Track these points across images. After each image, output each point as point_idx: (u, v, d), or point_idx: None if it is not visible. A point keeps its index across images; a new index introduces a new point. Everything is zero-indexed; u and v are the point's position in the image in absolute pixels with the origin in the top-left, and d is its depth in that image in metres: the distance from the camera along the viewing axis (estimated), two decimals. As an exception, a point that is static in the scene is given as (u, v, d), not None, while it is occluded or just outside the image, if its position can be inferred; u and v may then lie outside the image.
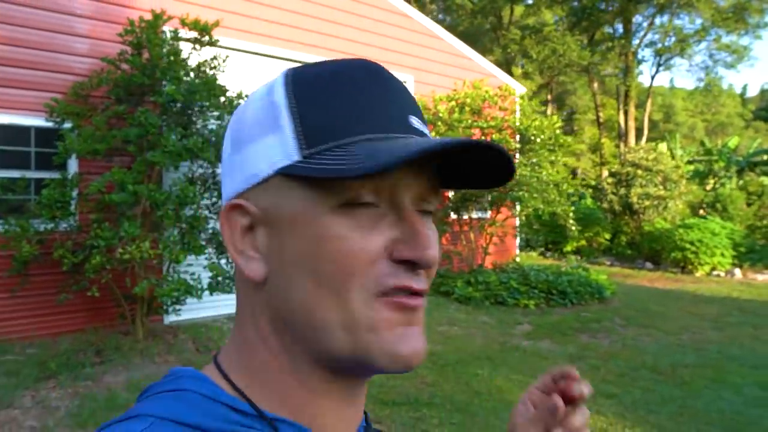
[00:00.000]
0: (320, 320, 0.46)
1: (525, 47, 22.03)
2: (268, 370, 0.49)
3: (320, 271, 0.46)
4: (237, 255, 0.49)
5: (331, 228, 0.46)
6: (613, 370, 5.51)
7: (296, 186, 0.47)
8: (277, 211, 0.47)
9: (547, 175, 8.55)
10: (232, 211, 0.49)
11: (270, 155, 0.47)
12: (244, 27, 7.03)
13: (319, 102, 0.47)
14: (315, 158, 0.46)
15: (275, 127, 0.48)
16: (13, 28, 5.51)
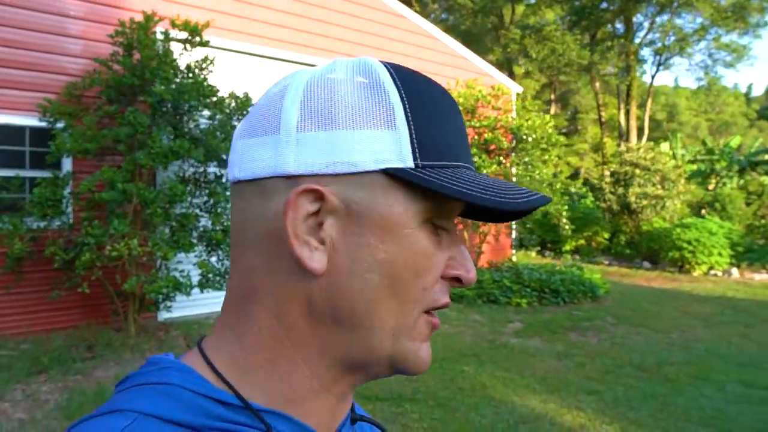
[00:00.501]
0: (378, 321, 0.47)
1: (525, 47, 22.05)
2: (278, 361, 0.48)
3: (398, 277, 0.47)
4: (298, 242, 0.45)
5: (422, 241, 0.47)
6: (598, 367, 5.56)
7: (399, 191, 0.46)
8: (367, 209, 0.46)
9: (539, 174, 8.59)
10: (305, 193, 0.46)
11: (377, 150, 0.46)
12: (236, 27, 7.11)
13: (430, 117, 0.48)
14: (429, 171, 0.46)
15: (389, 124, 0.46)
16: (8, 30, 5.62)
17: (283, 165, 0.46)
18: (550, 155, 9.03)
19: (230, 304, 0.50)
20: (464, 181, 0.46)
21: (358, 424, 0.59)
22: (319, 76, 0.48)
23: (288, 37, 7.68)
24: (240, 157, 0.49)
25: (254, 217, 0.48)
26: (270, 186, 0.47)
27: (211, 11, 6.74)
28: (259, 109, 0.50)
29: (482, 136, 8.76)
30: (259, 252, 0.48)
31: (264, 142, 0.47)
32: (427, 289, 0.48)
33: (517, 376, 5.19)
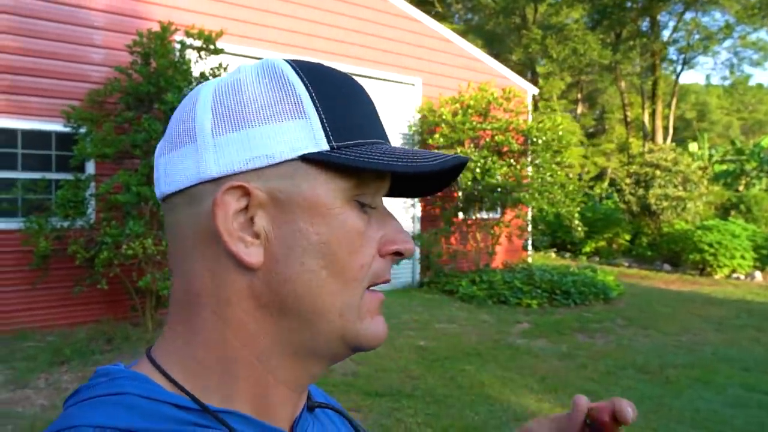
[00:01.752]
0: (322, 304, 0.49)
1: (546, 47, 21.92)
2: (232, 360, 0.48)
3: (335, 258, 0.48)
4: (232, 240, 0.47)
5: (351, 219, 0.49)
6: (599, 368, 5.63)
7: (319, 173, 0.48)
8: (292, 196, 0.48)
9: (552, 176, 8.63)
10: (230, 191, 0.47)
11: (292, 140, 0.47)
12: (250, 34, 7.37)
13: (337, 101, 0.50)
14: (344, 150, 0.48)
15: (298, 113, 0.48)
16: (37, 41, 5.96)
17: (206, 170, 0.47)
18: (563, 157, 9.06)
19: (175, 311, 0.51)
20: (378, 154, 0.48)
21: (317, 411, 0.60)
22: (225, 81, 0.50)
23: (301, 43, 7.90)
24: (164, 173, 0.50)
25: (187, 224, 0.49)
26: (197, 192, 0.48)
27: (226, 19, 7.01)
28: (174, 123, 0.51)
29: (494, 138, 8.84)
30: (197, 258, 0.49)
31: (184, 153, 0.49)
32: (364, 266, 0.50)
33: (517, 376, 5.30)
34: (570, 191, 9.13)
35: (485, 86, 9.11)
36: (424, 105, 9.28)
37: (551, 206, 8.84)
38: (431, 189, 0.60)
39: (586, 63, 22.01)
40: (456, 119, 8.78)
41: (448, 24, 23.71)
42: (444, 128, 8.85)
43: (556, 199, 8.78)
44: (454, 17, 30.71)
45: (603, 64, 22.71)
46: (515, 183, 8.51)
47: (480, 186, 8.78)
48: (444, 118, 8.85)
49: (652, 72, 24.08)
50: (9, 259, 5.78)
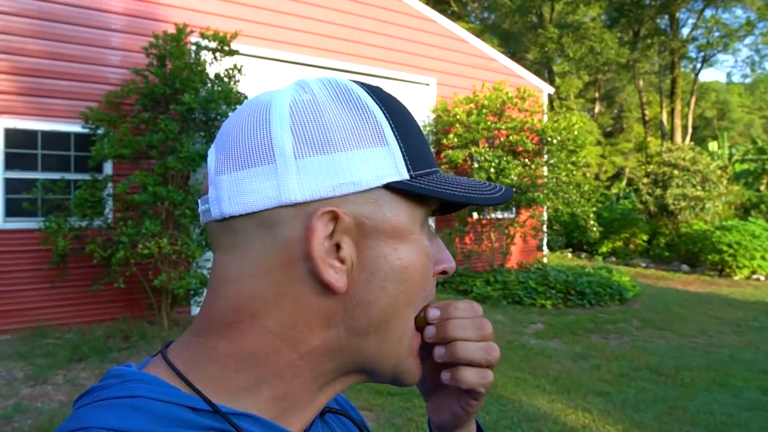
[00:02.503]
0: (394, 328, 0.50)
1: (562, 45, 21.75)
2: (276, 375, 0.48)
3: (414, 282, 0.50)
4: (323, 265, 0.46)
5: (426, 246, 0.51)
6: (613, 369, 5.59)
7: (401, 201, 0.49)
8: (378, 223, 0.48)
9: (566, 176, 8.57)
10: (321, 217, 0.46)
11: (377, 167, 0.48)
12: (265, 35, 7.42)
13: (408, 130, 0.51)
14: (421, 179, 0.50)
15: (380, 141, 0.49)
16: (57, 44, 6.08)
17: (287, 194, 0.46)
18: (578, 157, 8.99)
19: (212, 327, 0.49)
20: (449, 184, 0.51)
21: (327, 417, 0.60)
22: (299, 99, 0.49)
23: (316, 43, 7.95)
24: (229, 192, 0.48)
25: (257, 249, 0.47)
26: (274, 216, 0.47)
27: (241, 20, 7.07)
28: (239, 138, 0.49)
29: (508, 137, 8.81)
30: (265, 281, 0.47)
31: (259, 173, 0.47)
32: (427, 288, 0.52)
33: (530, 376, 5.28)
34: (585, 191, 9.06)
35: (500, 86, 9.08)
36: (438, 105, 9.28)
37: (566, 206, 8.78)
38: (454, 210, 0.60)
39: (603, 62, 21.78)
40: (470, 119, 8.77)
41: (463, 23, 23.64)
42: (458, 128, 8.84)
43: (571, 199, 8.72)
44: (470, 16, 30.60)
45: (620, 63, 22.46)
46: (530, 183, 8.46)
47: (494, 186, 8.74)
48: (458, 118, 8.84)
49: (671, 70, 23.76)
50: (29, 257, 5.90)
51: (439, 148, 9.42)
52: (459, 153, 8.73)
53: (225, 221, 0.49)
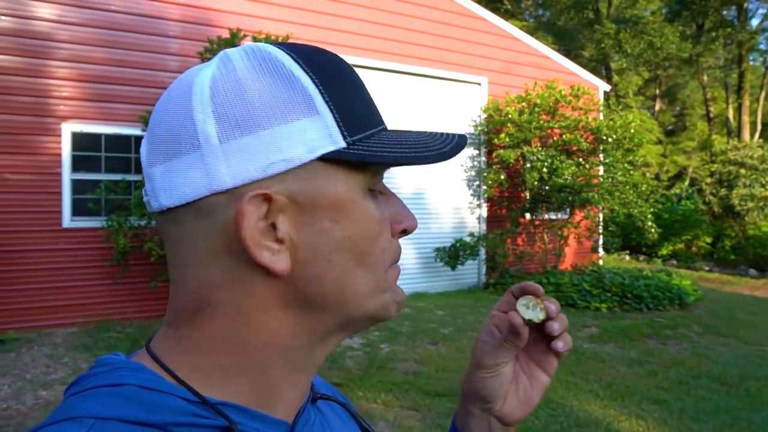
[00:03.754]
0: (350, 293, 0.49)
1: (620, 41, 21.00)
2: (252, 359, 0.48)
3: (360, 249, 0.49)
4: (258, 249, 0.45)
5: (370, 210, 0.50)
6: (671, 377, 5.36)
7: (338, 171, 0.47)
8: (315, 198, 0.46)
9: (623, 176, 8.30)
10: (252, 200, 0.44)
11: (308, 140, 0.45)
12: (317, 38, 7.53)
13: (343, 90, 0.48)
14: (359, 145, 0.47)
15: (310, 111, 0.46)
16: (119, 52, 6.38)
17: (218, 180, 0.44)
18: (635, 156, 8.67)
19: (180, 317, 0.49)
20: (391, 145, 0.49)
21: (320, 403, 0.60)
22: (219, 76, 0.46)
23: (367, 45, 8.01)
24: (162, 184, 0.46)
25: (198, 238, 0.46)
26: (208, 204, 0.45)
27: (293, 24, 7.21)
28: (164, 126, 0.47)
29: (562, 137, 8.61)
30: (213, 268, 0.47)
31: (186, 162, 0.45)
32: (385, 249, 0.51)
33: (582, 381, 5.14)
34: (643, 191, 8.74)
35: (553, 84, 8.88)
36: (490, 104, 9.16)
37: (622, 207, 8.49)
38: None
39: (664, 57, 20.90)
40: (522, 118, 8.61)
41: (516, 21, 23.26)
42: (510, 127, 8.70)
43: (627, 200, 8.42)
44: (524, 14, 30.08)
45: (683, 58, 21.50)
46: (584, 183, 8.23)
47: (547, 186, 8.57)
48: (510, 117, 8.70)
49: (738, 64, 22.58)
50: (93, 255, 6.20)
51: (490, 148, 9.31)
52: (511, 153, 8.59)
53: (166, 212, 0.47)
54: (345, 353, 5.65)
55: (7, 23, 5.92)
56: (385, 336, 6.35)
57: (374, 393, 4.61)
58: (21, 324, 5.94)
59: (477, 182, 9.43)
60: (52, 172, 6.12)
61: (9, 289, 5.94)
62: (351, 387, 4.73)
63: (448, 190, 9.24)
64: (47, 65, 6.10)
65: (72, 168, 6.21)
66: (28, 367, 4.99)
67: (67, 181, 6.18)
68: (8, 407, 4.11)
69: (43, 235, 6.06)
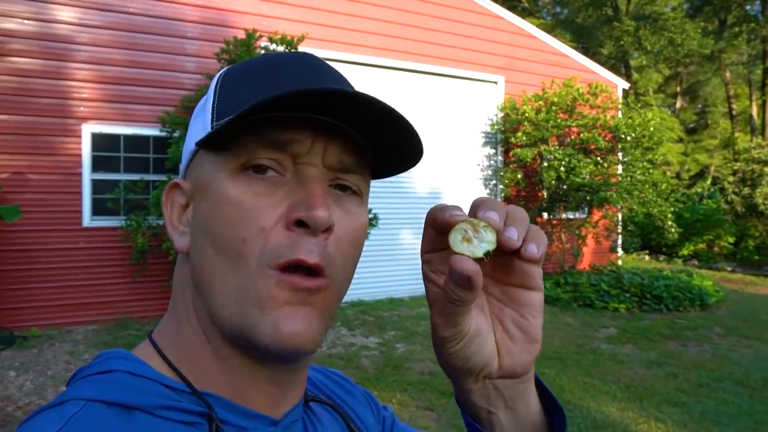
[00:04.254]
0: (217, 285, 0.47)
1: (639, 38, 20.68)
2: (192, 344, 0.50)
3: (218, 235, 0.46)
4: (172, 231, 0.52)
5: (228, 192, 0.46)
6: (691, 379, 5.28)
7: (207, 155, 0.49)
8: (195, 182, 0.51)
9: (642, 175, 8.18)
10: (171, 190, 0.53)
11: (196, 133, 0.51)
12: (333, 38, 7.55)
13: (238, 82, 0.50)
14: (217, 124, 0.49)
15: (203, 108, 0.52)
16: (138, 53, 6.45)
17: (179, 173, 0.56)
18: (655, 154, 8.54)
19: (172, 296, 0.55)
20: (237, 109, 0.47)
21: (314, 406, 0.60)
22: None
23: (383, 44, 8.00)
24: None
25: None
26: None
27: (309, 24, 7.23)
28: None
29: (579, 135, 8.52)
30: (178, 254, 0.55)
31: None
32: (247, 240, 0.45)
33: (599, 382, 5.08)
34: (662, 190, 8.60)
35: (570, 82, 8.79)
36: (506, 103, 9.10)
37: (641, 206, 8.37)
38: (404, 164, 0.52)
39: (685, 53, 20.55)
40: (539, 117, 8.54)
41: (534, 19, 23.08)
42: (527, 126, 8.63)
43: (647, 199, 8.30)
44: (542, 12, 29.83)
45: (704, 54, 21.11)
46: (602, 182, 8.14)
47: (564, 185, 8.48)
48: (527, 116, 8.63)
49: (762, 60, 22.14)
50: (113, 254, 6.29)
51: (507, 147, 9.25)
52: (528, 152, 8.53)
53: None
54: (360, 352, 5.66)
55: (30, 27, 6.03)
56: (401, 336, 6.35)
57: (390, 393, 4.61)
58: (43, 321, 6.04)
59: (494, 181, 9.37)
60: (72, 172, 6.21)
61: (31, 287, 6.04)
62: (366, 386, 4.73)
63: (465, 190, 9.20)
64: (68, 67, 6.20)
65: (92, 168, 6.30)
66: (50, 363, 5.08)
67: (87, 181, 6.27)
68: (30, 402, 4.19)
69: (63, 234, 6.16)
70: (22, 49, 6.00)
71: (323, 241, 0.46)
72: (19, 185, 5.98)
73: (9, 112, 5.95)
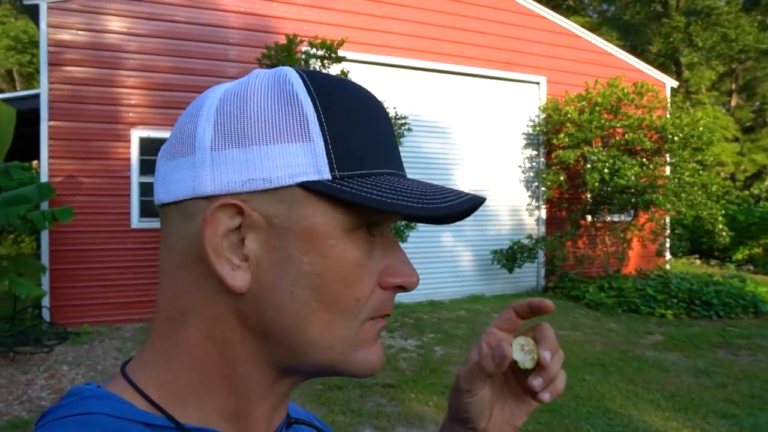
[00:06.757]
0: (311, 336, 0.46)
1: (690, 35, 19.92)
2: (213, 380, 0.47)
3: (328, 291, 0.46)
4: (219, 260, 0.44)
5: (349, 251, 0.46)
6: (742, 390, 5.06)
7: (320, 203, 0.45)
8: (288, 222, 0.45)
9: (690, 176, 7.90)
10: (223, 209, 0.44)
11: (293, 165, 0.44)
12: (372, 41, 7.60)
13: (348, 125, 0.46)
14: (347, 181, 0.45)
15: (303, 136, 0.45)
16: (183, 60, 6.67)
17: (201, 186, 0.45)
18: (705, 155, 8.23)
19: (158, 327, 0.49)
20: (384, 190, 0.45)
21: (294, 428, 0.59)
22: (233, 90, 0.47)
23: (422, 46, 8.01)
24: (162, 180, 0.48)
25: (179, 239, 0.47)
26: (190, 207, 0.46)
27: (348, 28, 7.31)
28: (177, 128, 0.49)
29: (624, 136, 8.30)
30: (188, 273, 0.47)
31: (182, 163, 0.47)
32: (361, 299, 0.47)
33: (643, 390, 4.94)
34: (713, 192, 8.29)
35: (615, 81, 8.57)
36: (548, 104, 8.96)
37: (690, 209, 8.08)
38: (436, 222, 0.54)
39: (740, 49, 19.70)
40: (582, 117, 8.37)
41: (579, 18, 22.60)
42: (569, 127, 8.47)
43: (696, 201, 8.01)
44: (588, 10, 29.18)
45: (761, 50, 20.19)
46: (647, 184, 7.90)
47: (608, 187, 8.28)
48: (569, 117, 8.47)
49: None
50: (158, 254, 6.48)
51: (549, 149, 9.09)
52: (570, 153, 8.36)
53: (162, 208, 0.49)
54: (399, 355, 5.67)
55: (83, 37, 6.30)
56: (439, 338, 6.32)
57: (426, 395, 4.60)
58: (94, 318, 6.30)
59: (536, 183, 9.23)
60: (121, 175, 6.46)
61: (83, 286, 6.31)
62: (403, 389, 4.74)
63: (506, 192, 9.09)
64: (118, 75, 6.45)
65: (140, 171, 6.54)
66: (99, 359, 5.29)
67: (135, 184, 6.50)
68: (80, 397, 4.37)
69: (113, 235, 6.42)
70: (76, 58, 6.28)
71: None
72: (71, 188, 6.26)
73: (63, 119, 6.24)
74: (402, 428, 4.00)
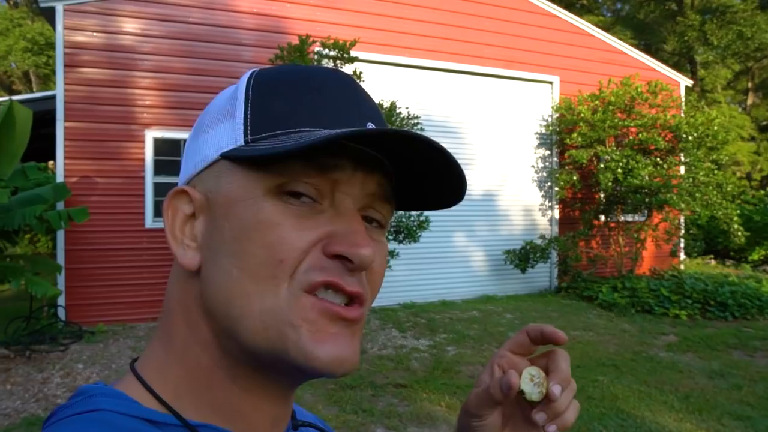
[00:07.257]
0: (239, 308, 0.44)
1: (705, 33, 19.70)
2: (199, 367, 0.47)
3: (248, 255, 0.44)
4: (175, 243, 0.47)
5: (265, 211, 0.44)
6: (758, 392, 5.01)
7: (237, 169, 0.46)
8: (216, 195, 0.46)
9: (705, 176, 7.82)
10: (176, 196, 0.48)
11: (219, 140, 0.47)
12: (384, 41, 7.61)
13: (277, 94, 0.47)
14: (257, 143, 0.45)
15: (231, 115, 0.48)
16: (197, 61, 6.72)
17: (180, 177, 0.52)
18: (719, 154, 8.14)
19: (159, 320, 0.51)
20: (286, 142, 0.43)
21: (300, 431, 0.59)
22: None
23: (434, 46, 8.00)
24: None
25: None
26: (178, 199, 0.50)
27: (361, 28, 7.32)
28: None
29: (638, 135, 8.23)
30: (174, 266, 0.50)
31: None
32: (286, 261, 0.44)
33: (656, 391, 4.90)
34: (728, 192, 8.20)
35: (628, 80, 8.51)
36: (561, 103, 8.91)
37: (705, 208, 8.00)
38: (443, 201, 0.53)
39: (755, 47, 19.45)
40: (595, 117, 8.32)
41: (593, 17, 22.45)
42: (582, 127, 8.42)
43: (710, 201, 7.93)
44: (602, 9, 28.97)
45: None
46: (661, 183, 7.84)
47: (622, 187, 8.22)
48: (582, 116, 8.42)
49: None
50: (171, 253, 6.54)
51: (562, 148, 9.05)
52: (583, 153, 8.32)
53: None
54: (411, 354, 5.68)
55: (98, 39, 6.38)
56: (452, 339, 6.32)
57: (438, 395, 4.60)
58: (109, 317, 6.37)
59: (548, 183, 9.19)
60: (136, 176, 6.53)
61: (98, 285, 6.39)
62: (415, 389, 4.74)
63: (519, 192, 9.06)
64: (132, 76, 6.52)
65: (154, 172, 6.60)
66: (114, 357, 5.35)
67: (150, 184, 6.57)
68: (95, 395, 4.43)
69: (128, 235, 6.49)
70: (91, 60, 6.36)
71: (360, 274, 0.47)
72: (87, 188, 6.34)
73: (78, 120, 6.32)
74: (414, 428, 4.01)
